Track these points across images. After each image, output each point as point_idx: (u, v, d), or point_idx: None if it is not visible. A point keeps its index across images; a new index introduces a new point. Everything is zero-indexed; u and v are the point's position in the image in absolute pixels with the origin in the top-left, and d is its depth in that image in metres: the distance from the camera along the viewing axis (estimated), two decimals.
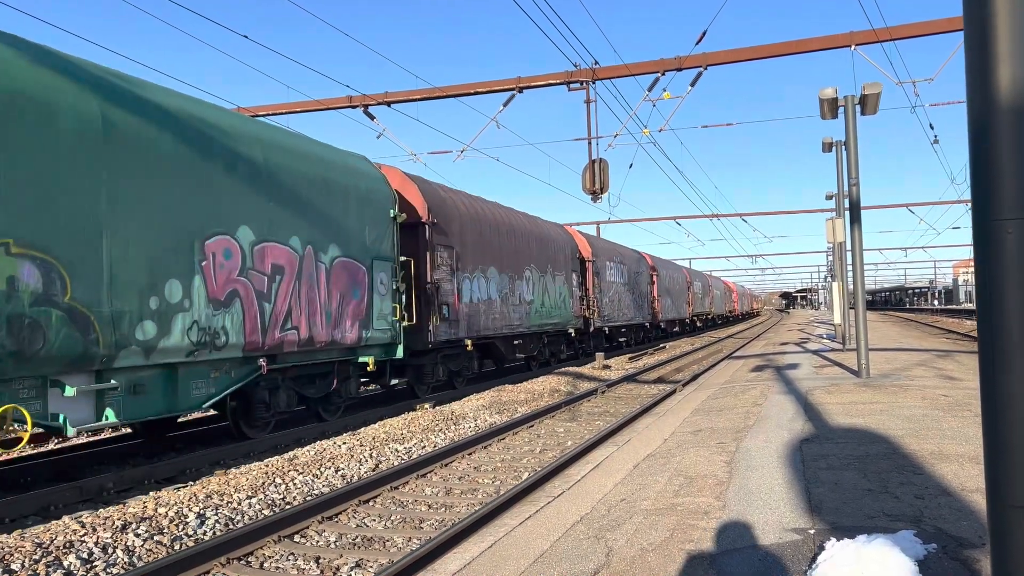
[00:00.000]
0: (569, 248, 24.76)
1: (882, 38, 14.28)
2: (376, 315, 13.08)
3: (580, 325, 25.07)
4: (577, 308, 24.78)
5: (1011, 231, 2.40)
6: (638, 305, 33.34)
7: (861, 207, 14.36)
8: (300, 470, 8.89)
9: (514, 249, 19.80)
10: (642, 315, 34.00)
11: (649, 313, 35.62)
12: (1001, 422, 2.41)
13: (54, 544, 6.05)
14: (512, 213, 20.96)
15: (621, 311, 30.21)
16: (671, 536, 4.91)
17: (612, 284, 28.96)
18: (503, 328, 18.67)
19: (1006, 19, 2.41)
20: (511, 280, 19.31)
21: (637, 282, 33.37)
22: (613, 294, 29.01)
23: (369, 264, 12.95)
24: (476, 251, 17.44)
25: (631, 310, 31.88)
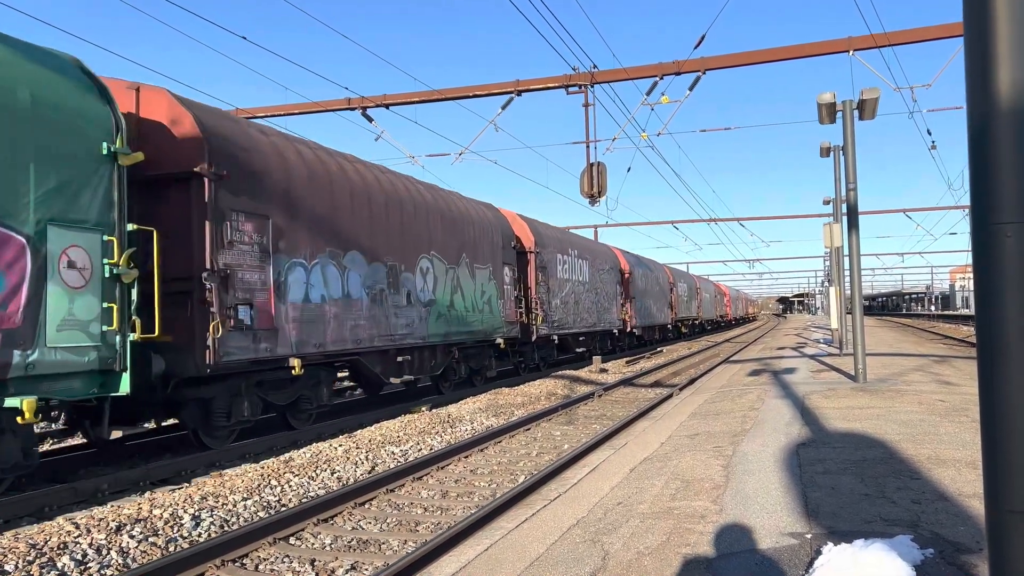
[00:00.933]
0: (500, 234, 19.03)
1: (880, 44, 14.31)
2: (55, 323, 7.70)
3: (515, 333, 19.77)
4: (511, 312, 19.47)
5: (1010, 235, 2.40)
6: (604, 308, 28.27)
7: (859, 212, 14.37)
8: (296, 472, 8.87)
9: (400, 229, 14.14)
10: (609, 320, 29.05)
11: (619, 318, 30.71)
12: (1000, 426, 2.40)
13: (48, 545, 6.02)
14: (401, 180, 15.13)
15: (579, 316, 25.09)
16: (667, 540, 4.90)
17: (566, 283, 23.81)
18: (375, 339, 13.17)
19: (1006, 22, 2.41)
20: (392, 272, 13.84)
21: (603, 281, 28.33)
22: (568, 295, 23.91)
23: (35, 233, 7.56)
24: (320, 226, 11.81)
25: (593, 314, 26.70)
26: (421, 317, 14.81)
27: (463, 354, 17.21)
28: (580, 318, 25.19)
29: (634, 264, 34.06)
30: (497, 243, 18.84)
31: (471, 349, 17.70)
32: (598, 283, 27.74)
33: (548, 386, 18.35)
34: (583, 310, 25.60)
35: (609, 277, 29.51)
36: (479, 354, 18.33)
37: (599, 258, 28.47)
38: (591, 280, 26.78)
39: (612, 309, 29.63)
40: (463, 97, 16.60)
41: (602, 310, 28.11)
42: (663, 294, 40.70)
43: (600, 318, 27.73)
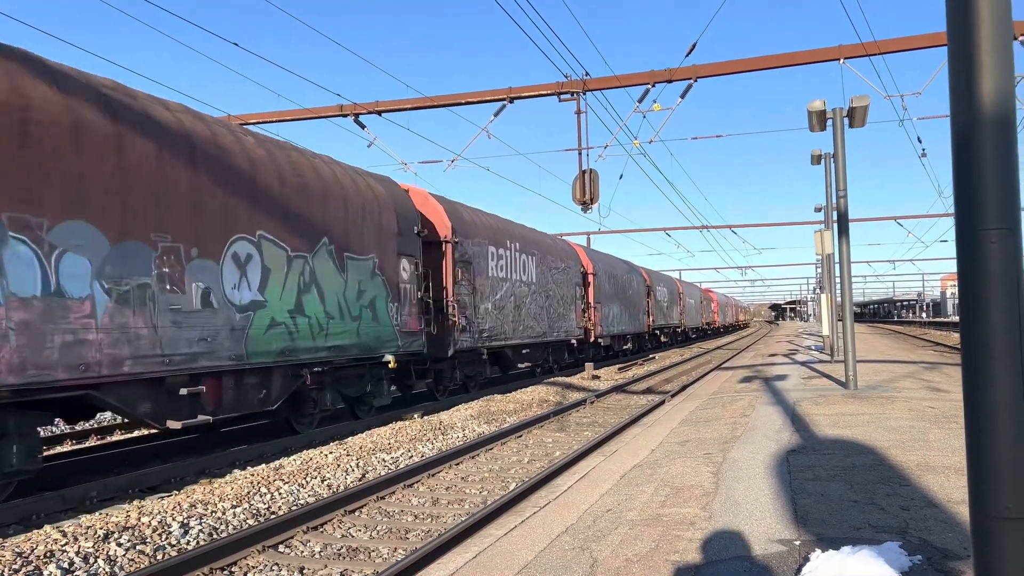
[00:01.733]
0: (395, 215, 13.94)
1: (870, 52, 14.38)
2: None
3: (418, 348, 14.53)
4: (411, 320, 14.29)
5: (994, 241, 2.41)
6: (558, 315, 23.54)
7: (849, 219, 14.42)
8: (286, 479, 8.83)
9: (191, 195, 9.30)
10: (566, 329, 24.37)
11: (579, 326, 25.99)
12: (984, 433, 2.41)
13: (35, 554, 5.98)
14: (210, 121, 10.25)
15: (522, 323, 20.24)
16: (656, 547, 4.89)
17: (502, 282, 18.95)
18: (123, 363, 8.25)
19: (988, 33, 2.43)
20: (169, 259, 8.94)
21: (557, 283, 23.61)
22: (504, 298, 18.96)
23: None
24: None
25: (542, 322, 22.04)
26: (233, 327, 9.90)
27: (334, 377, 12.33)
28: (524, 326, 20.29)
29: (600, 263, 29.40)
30: (388, 227, 13.63)
31: (342, 371, 12.65)
32: (550, 284, 22.90)
33: (540, 393, 18.34)
34: (528, 316, 20.69)
35: (565, 278, 24.54)
36: (354, 378, 13.11)
37: (552, 254, 23.42)
38: (540, 280, 22.07)
39: (570, 315, 24.80)
40: (456, 104, 16.61)
41: (556, 317, 23.24)
42: (638, 299, 35.85)
43: (553, 326, 23.00)
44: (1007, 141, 2.43)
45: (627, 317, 33.49)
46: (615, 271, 32.09)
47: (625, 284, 33.56)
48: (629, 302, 34.08)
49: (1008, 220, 2.41)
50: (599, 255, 31.39)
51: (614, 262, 33.38)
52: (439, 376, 16.84)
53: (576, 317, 25.73)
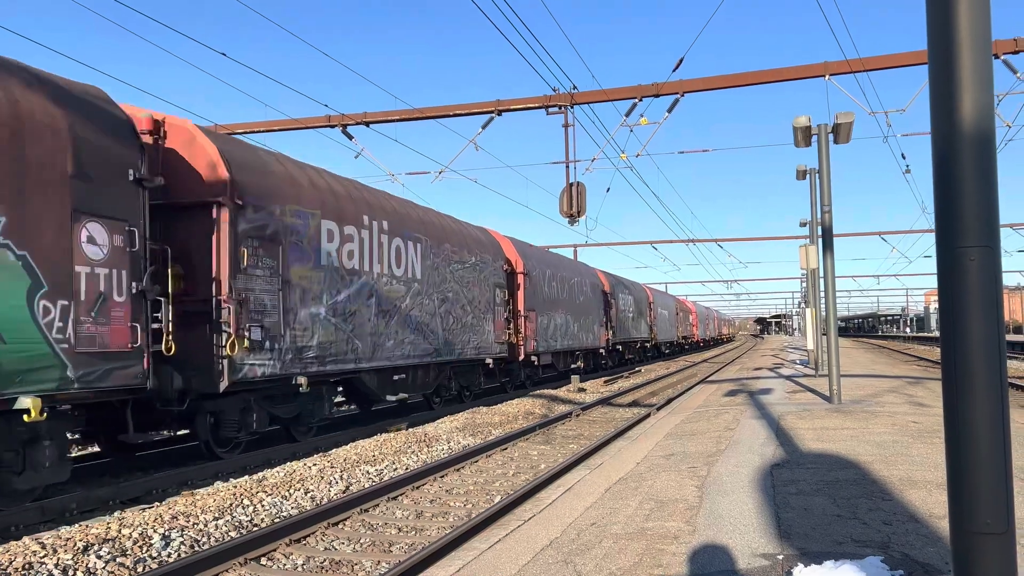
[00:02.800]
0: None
1: (855, 69, 14.54)
2: None
3: (119, 382, 8.53)
4: (105, 330, 8.40)
5: (974, 258, 2.44)
6: (464, 326, 17.83)
7: (834, 234, 14.53)
8: (269, 491, 8.77)
9: None
10: (477, 344, 18.51)
11: (499, 341, 20.08)
12: (963, 447, 2.43)
13: (13, 566, 5.90)
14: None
15: (393, 338, 14.54)
16: (640, 561, 4.89)
17: (348, 277, 13.16)
18: None
19: (968, 52, 2.47)
20: None
21: (462, 283, 17.84)
22: (352, 300, 13.19)
23: None
24: None
25: (432, 336, 16.15)
26: None
27: None
28: (396, 341, 14.61)
29: (535, 261, 23.57)
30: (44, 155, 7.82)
31: None
32: (449, 283, 17.15)
33: (526, 405, 18.31)
34: (403, 327, 14.94)
35: (476, 276, 18.72)
36: None
37: (455, 243, 17.58)
38: (431, 277, 16.23)
39: (484, 327, 18.99)
40: (444, 116, 16.65)
41: (460, 328, 17.54)
42: (592, 308, 30.29)
43: (454, 341, 17.16)
44: (987, 160, 2.46)
45: (577, 329, 27.57)
46: (560, 272, 26.02)
47: (574, 289, 27.68)
48: (580, 311, 28.21)
49: (987, 238, 2.44)
50: (537, 252, 24.79)
51: (559, 262, 27.13)
52: (199, 425, 10.66)
53: (495, 329, 19.59)
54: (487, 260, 19.59)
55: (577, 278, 28.51)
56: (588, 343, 29.41)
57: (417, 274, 15.63)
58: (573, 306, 27.46)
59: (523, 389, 22.56)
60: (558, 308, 25.55)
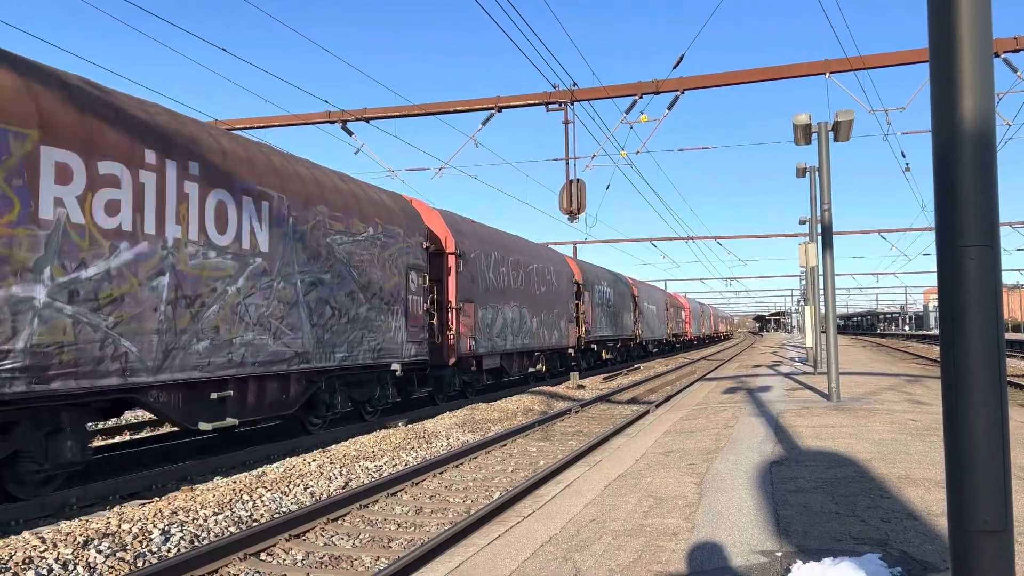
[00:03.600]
0: None
1: (856, 67, 14.53)
2: None
3: None
4: None
5: (973, 257, 2.45)
6: (365, 324, 13.41)
7: (833, 232, 14.54)
8: (268, 487, 8.78)
9: None
10: (380, 344, 13.91)
11: (413, 341, 15.15)
12: (963, 445, 2.44)
13: (13, 560, 5.92)
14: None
15: (236, 340, 10.24)
16: (639, 557, 4.90)
17: (140, 266, 8.85)
18: None
19: (969, 51, 2.47)
20: None
21: (359, 265, 13.38)
22: (110, 285, 8.39)
23: None
24: None
25: (298, 337, 11.57)
26: None
27: None
28: (238, 343, 10.32)
29: (473, 240, 18.80)
30: None
31: None
32: (337, 265, 12.68)
33: (525, 402, 18.34)
34: (242, 325, 10.43)
35: (372, 254, 13.74)
36: None
37: (336, 204, 12.79)
38: (282, 252, 11.35)
39: (391, 322, 14.19)
40: (444, 112, 16.64)
41: (348, 325, 12.90)
42: (559, 301, 25.71)
43: (338, 342, 12.60)
44: (987, 159, 2.47)
45: (536, 326, 23.21)
46: (513, 256, 21.53)
47: (534, 278, 23.18)
48: (542, 305, 23.80)
49: (987, 237, 2.44)
50: (480, 229, 20.03)
51: (512, 243, 22.20)
52: None
53: (409, 325, 14.98)
54: (395, 234, 14.61)
55: (538, 264, 23.78)
56: (553, 342, 24.74)
57: (262, 245, 10.80)
58: (532, 298, 22.86)
59: (463, 399, 18.58)
60: (509, 300, 20.93)
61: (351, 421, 14.39)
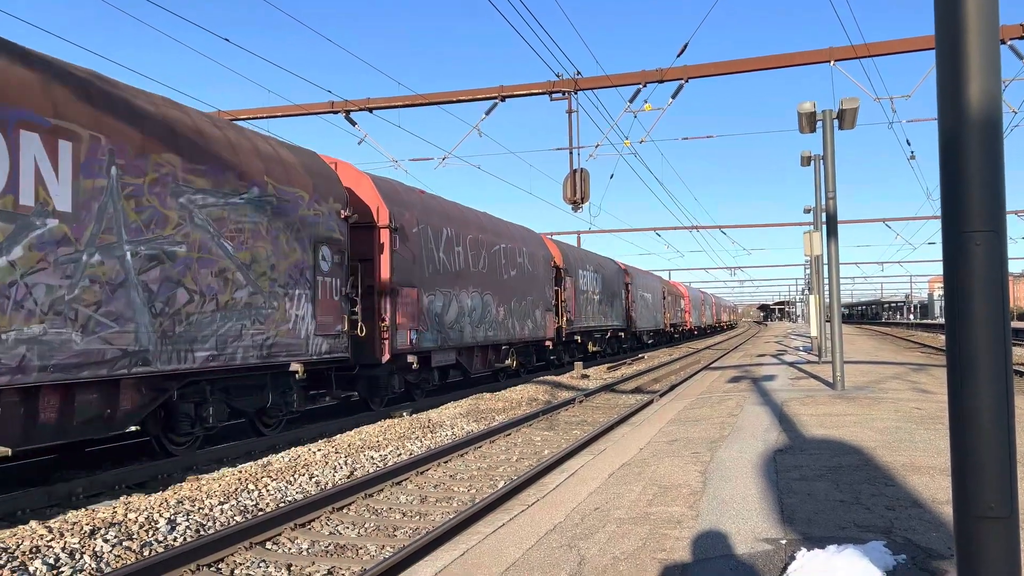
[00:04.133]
0: None
1: (860, 54, 14.46)
2: None
3: None
4: None
5: (979, 243, 2.44)
6: (248, 312, 10.46)
7: (838, 221, 14.50)
8: (274, 476, 8.82)
9: None
10: (273, 338, 10.92)
11: (334, 336, 12.45)
12: (968, 432, 2.44)
13: (20, 549, 5.95)
14: None
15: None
16: (643, 545, 4.91)
17: None
18: None
19: (976, 36, 2.45)
20: None
21: (235, 236, 10.30)
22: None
23: None
24: None
25: (132, 332, 8.57)
26: None
27: None
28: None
29: (419, 215, 15.83)
30: None
31: None
32: (175, 236, 9.40)
33: (529, 392, 18.37)
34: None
35: (256, 222, 10.74)
36: None
37: (193, 157, 9.74)
38: (94, 215, 8.29)
39: (290, 311, 11.32)
40: (447, 102, 16.60)
41: (220, 315, 10.05)
42: (533, 286, 22.29)
43: (199, 336, 9.64)
44: (993, 145, 2.45)
45: (504, 315, 19.85)
46: (470, 233, 18.12)
47: (501, 259, 19.96)
48: (510, 290, 20.40)
49: (993, 223, 2.43)
50: (428, 200, 16.93)
51: (471, 218, 18.65)
52: None
53: (319, 313, 12.07)
54: (296, 198, 11.59)
55: (506, 244, 20.30)
56: (526, 334, 21.31)
57: (57, 203, 7.85)
58: (498, 283, 19.52)
59: (407, 403, 15.75)
60: (467, 284, 17.71)
61: (245, 436, 11.76)
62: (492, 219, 20.76)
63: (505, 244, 20.39)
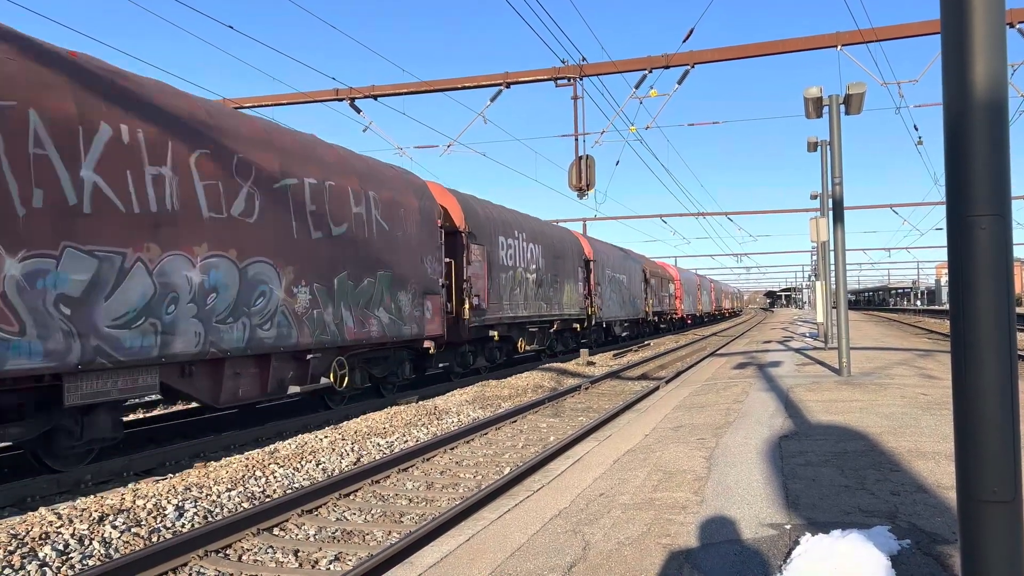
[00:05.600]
0: None
1: (867, 39, 14.36)
2: None
3: None
4: None
5: (984, 227, 2.43)
6: None
7: (845, 207, 14.44)
8: (281, 463, 8.86)
9: None
10: None
11: None
12: (972, 416, 2.44)
13: (30, 535, 6.00)
14: None
15: None
16: (648, 530, 4.93)
17: None
18: None
19: (982, 18, 2.43)
20: None
21: None
22: None
23: None
24: None
25: None
26: None
27: None
28: None
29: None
30: None
31: None
32: None
33: (535, 379, 18.39)
34: None
35: None
36: None
37: None
38: None
39: None
40: (452, 89, 16.55)
41: None
42: (408, 261, 14.52)
43: None
44: (999, 128, 2.44)
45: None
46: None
47: (308, 206, 11.58)
48: (322, 262, 11.89)
49: (998, 206, 2.42)
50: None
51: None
52: None
53: None
54: None
55: (315, 180, 11.82)
56: (373, 332, 13.15)
57: None
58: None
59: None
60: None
61: None
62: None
63: (313, 180, 11.74)
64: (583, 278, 27.78)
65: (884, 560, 3.95)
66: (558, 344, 26.36)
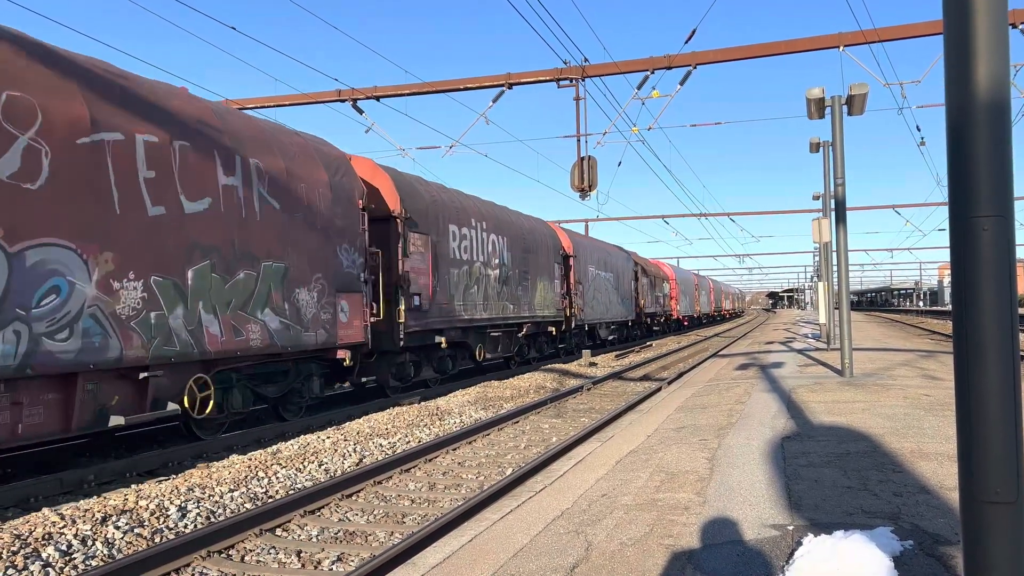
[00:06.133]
0: None
1: (870, 39, 14.35)
2: None
3: None
4: None
5: (987, 228, 2.43)
6: None
7: (847, 207, 14.43)
8: (283, 464, 8.87)
9: None
10: None
11: None
12: (975, 417, 2.44)
13: (33, 536, 6.01)
14: None
15: None
16: (651, 531, 4.93)
17: None
18: None
19: (985, 18, 2.43)
20: None
21: None
22: None
23: None
24: None
25: None
26: None
27: None
28: None
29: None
30: None
31: None
32: None
33: (537, 380, 18.40)
34: None
35: None
36: None
37: None
38: None
39: None
40: (454, 90, 16.56)
41: None
42: (319, 256, 11.59)
43: None
44: (1001, 129, 2.44)
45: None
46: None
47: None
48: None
49: (1001, 207, 2.42)
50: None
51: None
52: None
53: None
54: None
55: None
56: (255, 341, 10.25)
57: None
58: (162, 243, 8.87)
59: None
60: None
61: None
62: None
63: (152, 137, 8.85)
64: (561, 275, 24.68)
65: (887, 561, 3.95)
66: (530, 350, 23.05)
